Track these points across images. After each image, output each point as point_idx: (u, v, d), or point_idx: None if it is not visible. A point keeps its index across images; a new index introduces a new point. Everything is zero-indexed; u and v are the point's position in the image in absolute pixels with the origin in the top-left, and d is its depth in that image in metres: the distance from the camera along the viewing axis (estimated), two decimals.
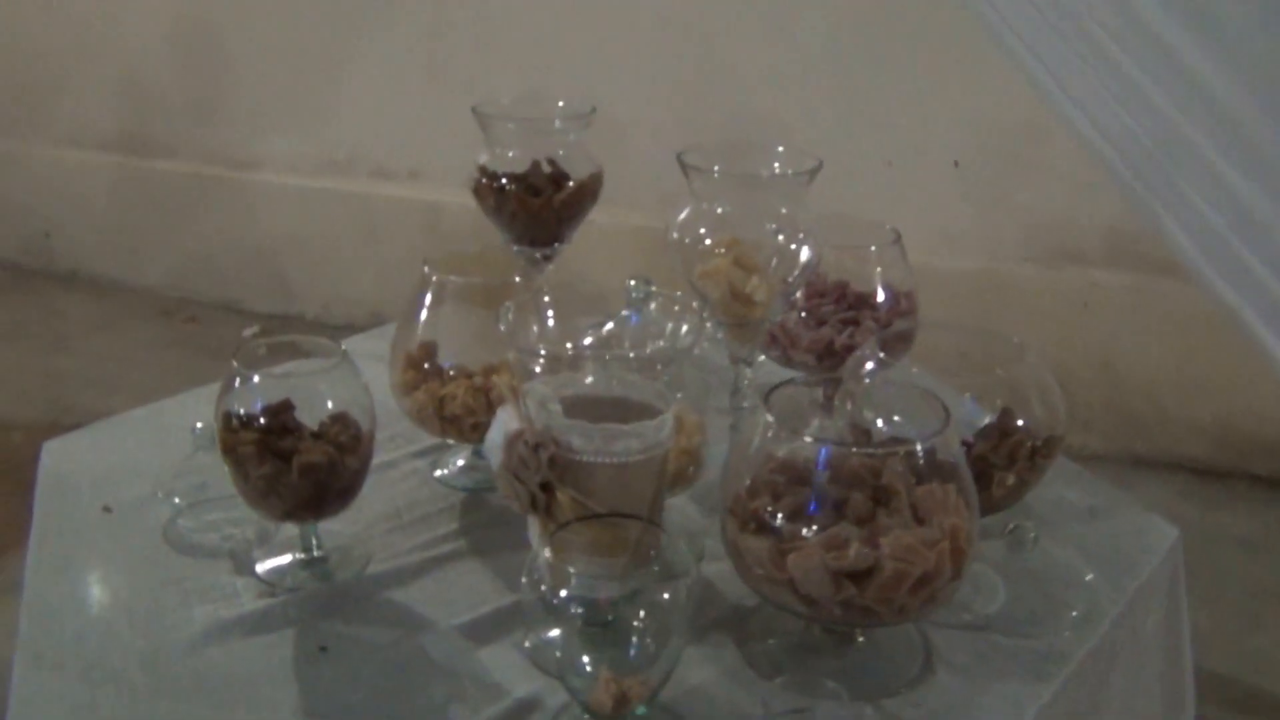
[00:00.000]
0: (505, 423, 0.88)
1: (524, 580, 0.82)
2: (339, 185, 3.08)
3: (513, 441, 0.87)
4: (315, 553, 1.04)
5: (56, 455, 1.23)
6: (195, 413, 1.18)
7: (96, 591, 1.04)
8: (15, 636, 0.98)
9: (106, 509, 1.12)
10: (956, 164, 2.53)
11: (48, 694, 0.91)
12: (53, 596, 1.03)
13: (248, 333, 1.03)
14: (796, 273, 1.06)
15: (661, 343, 0.91)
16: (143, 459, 1.20)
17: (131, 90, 3.27)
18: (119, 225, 3.36)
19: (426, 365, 1.13)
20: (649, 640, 0.82)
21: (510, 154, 1.28)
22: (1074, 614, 0.99)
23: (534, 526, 0.90)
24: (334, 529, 1.06)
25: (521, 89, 1.52)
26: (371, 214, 3.06)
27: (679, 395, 0.91)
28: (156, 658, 0.93)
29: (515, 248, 1.28)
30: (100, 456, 1.22)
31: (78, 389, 2.83)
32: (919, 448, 0.88)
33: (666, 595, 0.82)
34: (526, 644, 0.94)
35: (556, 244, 1.29)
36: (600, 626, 0.83)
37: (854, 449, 0.91)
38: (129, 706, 0.89)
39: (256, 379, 0.99)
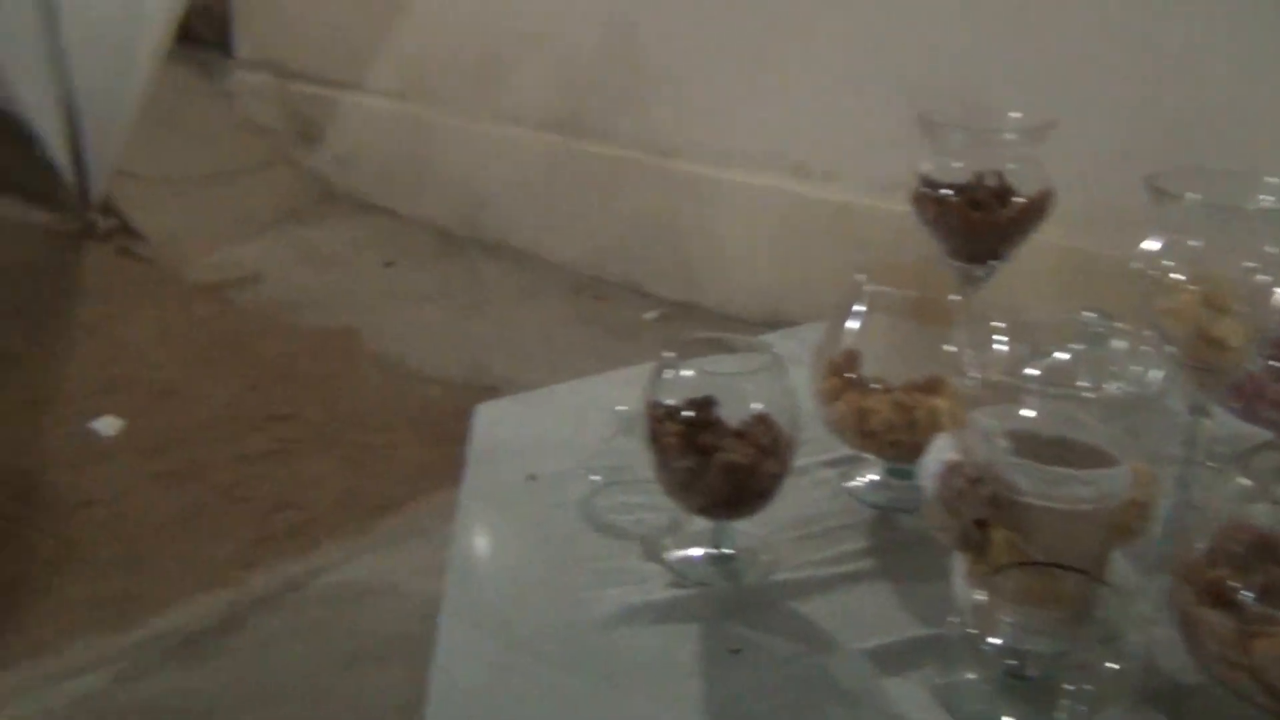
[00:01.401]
0: (944, 451, 0.84)
1: (952, 619, 0.77)
2: (753, 180, 3.11)
3: (951, 472, 0.82)
4: (725, 550, 1.04)
5: (487, 419, 1.31)
6: (617, 394, 1.22)
7: (516, 558, 1.09)
8: (424, 574, 1.03)
9: (531, 477, 1.18)
10: None
11: (469, 649, 0.96)
12: (476, 557, 1.09)
13: (649, 316, 1.04)
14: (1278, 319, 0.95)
15: (1124, 385, 0.83)
16: (566, 433, 1.25)
17: (570, 77, 3.48)
18: (545, 201, 3.59)
19: (849, 375, 1.11)
20: (1080, 707, 0.75)
21: (955, 164, 1.22)
22: None
23: (960, 562, 0.85)
24: (743, 529, 1.05)
25: (953, 97, 1.45)
26: (781, 211, 3.07)
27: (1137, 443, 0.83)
28: (568, 631, 0.96)
29: (951, 262, 1.23)
30: (526, 425, 1.29)
31: (491, 352, 3.03)
32: None
33: (1108, 661, 0.75)
34: (938, 680, 0.89)
35: (993, 261, 1.23)
36: (1024, 680, 0.78)
37: None
38: (543, 675, 0.92)
39: (685, 372, 1.00)
